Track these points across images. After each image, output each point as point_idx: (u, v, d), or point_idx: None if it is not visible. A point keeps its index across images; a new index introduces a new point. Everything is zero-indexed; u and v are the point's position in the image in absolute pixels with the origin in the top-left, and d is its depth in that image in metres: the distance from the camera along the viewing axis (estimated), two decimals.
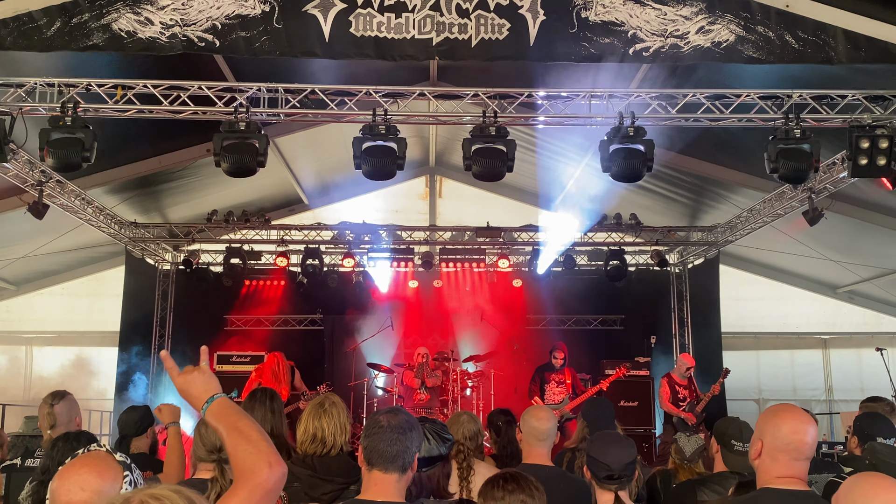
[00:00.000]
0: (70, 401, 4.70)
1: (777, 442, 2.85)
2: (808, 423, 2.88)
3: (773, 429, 2.88)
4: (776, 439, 2.85)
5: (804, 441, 2.83)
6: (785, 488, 2.81)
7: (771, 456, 2.86)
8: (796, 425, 2.85)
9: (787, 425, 2.85)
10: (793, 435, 2.83)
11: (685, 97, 8.20)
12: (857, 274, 13.28)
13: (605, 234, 13.89)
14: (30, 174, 9.52)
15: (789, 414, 2.92)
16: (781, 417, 2.90)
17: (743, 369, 13.80)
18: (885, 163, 7.75)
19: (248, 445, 2.11)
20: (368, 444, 2.77)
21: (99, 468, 2.15)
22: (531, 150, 11.94)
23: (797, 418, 2.89)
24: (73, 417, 4.64)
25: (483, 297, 14.20)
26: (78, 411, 4.73)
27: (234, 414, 2.21)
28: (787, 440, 2.83)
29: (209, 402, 2.24)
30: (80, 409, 4.80)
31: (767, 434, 2.89)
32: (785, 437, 2.83)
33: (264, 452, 2.09)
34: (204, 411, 2.24)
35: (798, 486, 2.83)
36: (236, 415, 2.21)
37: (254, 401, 4.42)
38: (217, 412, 2.23)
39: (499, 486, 2.82)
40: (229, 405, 2.25)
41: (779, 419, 2.90)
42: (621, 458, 3.36)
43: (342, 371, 13.45)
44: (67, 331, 14.69)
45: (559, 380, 10.70)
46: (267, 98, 8.22)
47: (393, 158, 7.92)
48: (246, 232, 13.77)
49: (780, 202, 10.80)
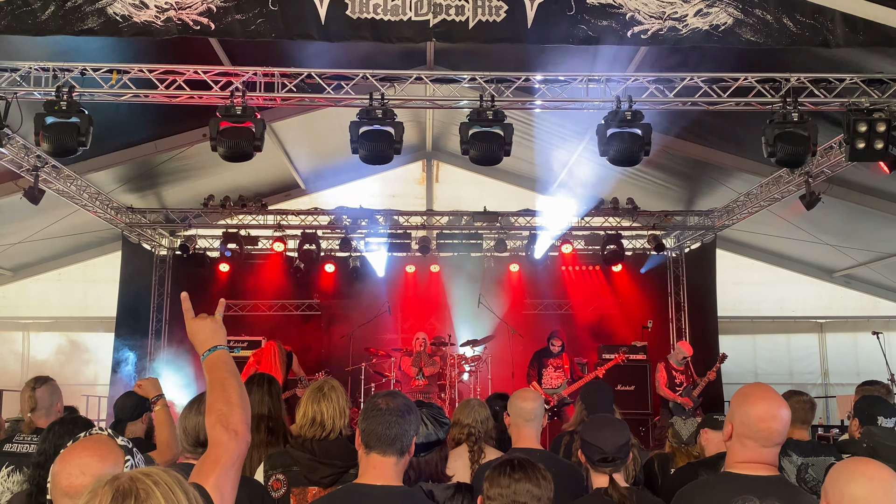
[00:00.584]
0: (52, 386, 4.66)
1: (744, 428, 2.79)
2: (779, 407, 2.80)
3: (742, 414, 2.81)
4: (745, 425, 2.79)
5: (774, 429, 2.76)
6: (748, 473, 2.76)
7: (740, 441, 2.81)
8: (766, 411, 2.78)
9: (756, 411, 2.78)
10: (761, 423, 2.76)
11: (683, 81, 8.18)
12: (853, 258, 13.30)
13: (603, 219, 13.90)
14: (25, 159, 9.49)
15: (759, 397, 2.84)
16: (751, 402, 2.83)
17: (739, 353, 13.82)
18: (883, 146, 7.75)
19: (224, 406, 2.23)
20: (366, 427, 2.75)
21: (100, 452, 2.14)
22: (529, 135, 11.91)
23: (767, 403, 2.81)
24: (54, 402, 4.58)
25: (480, 282, 14.19)
26: (60, 397, 4.67)
27: (227, 371, 2.32)
28: (757, 427, 2.76)
29: (211, 351, 2.37)
30: (62, 395, 4.75)
31: (737, 417, 2.82)
32: (753, 423, 2.77)
33: (235, 419, 2.21)
34: (204, 357, 2.37)
35: (764, 470, 2.78)
36: (227, 372, 2.32)
37: (252, 384, 4.41)
38: (213, 362, 2.36)
39: (505, 474, 2.76)
40: (226, 360, 2.37)
41: (749, 404, 2.82)
42: (614, 441, 3.36)
43: (339, 356, 13.44)
44: (64, 316, 14.67)
45: (557, 365, 10.72)
46: (263, 82, 8.18)
47: (390, 143, 7.90)
48: (242, 217, 13.75)
49: (778, 186, 10.80)
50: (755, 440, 2.76)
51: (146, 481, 1.52)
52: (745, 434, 2.77)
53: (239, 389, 2.29)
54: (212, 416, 2.23)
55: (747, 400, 2.84)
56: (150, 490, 1.50)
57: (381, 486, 2.71)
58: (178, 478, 1.58)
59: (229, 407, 2.23)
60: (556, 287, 14.49)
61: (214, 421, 2.21)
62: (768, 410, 2.78)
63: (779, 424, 2.77)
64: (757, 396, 2.84)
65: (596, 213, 13.69)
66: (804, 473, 4.54)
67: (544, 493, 2.73)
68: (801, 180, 10.15)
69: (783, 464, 4.62)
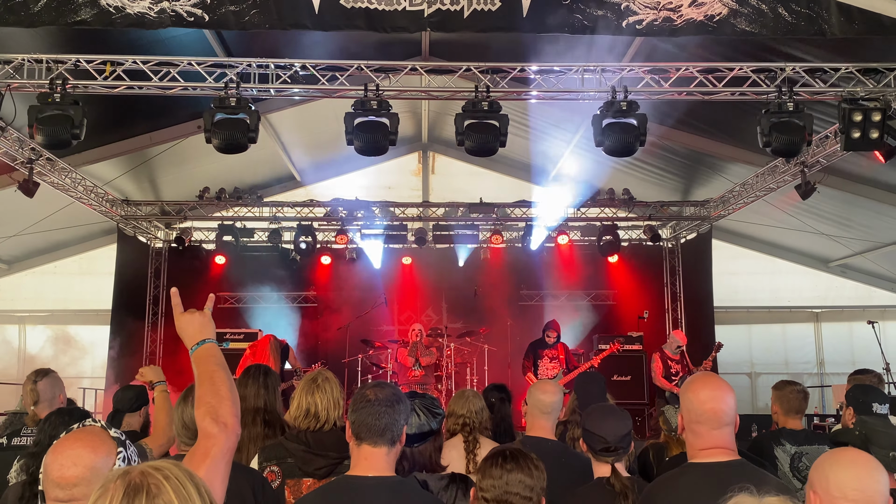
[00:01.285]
0: (54, 378, 4.68)
1: (692, 414, 2.82)
2: (721, 388, 2.84)
3: (687, 402, 2.85)
4: (691, 412, 2.82)
5: (719, 409, 2.79)
6: (709, 461, 2.78)
7: (691, 429, 2.84)
8: (708, 394, 2.81)
9: (700, 395, 2.82)
10: (704, 405, 2.79)
11: (678, 71, 8.17)
12: (849, 247, 13.32)
13: (598, 210, 13.90)
14: (20, 152, 9.46)
15: (701, 384, 2.88)
16: (693, 389, 2.87)
17: (735, 343, 13.84)
18: (878, 136, 7.74)
19: (213, 398, 2.22)
20: (356, 419, 2.75)
21: (93, 443, 2.14)
22: (524, 125, 11.90)
23: (709, 386, 2.85)
24: (56, 394, 4.60)
25: (476, 273, 14.20)
26: (62, 389, 4.70)
27: (215, 364, 2.31)
28: (701, 410, 2.79)
29: (199, 344, 2.36)
30: (64, 386, 4.77)
31: (684, 406, 2.86)
32: (698, 407, 2.80)
33: (224, 411, 2.19)
34: (192, 351, 2.36)
35: (723, 456, 2.80)
36: (216, 365, 2.31)
37: (247, 377, 4.42)
38: (201, 356, 2.34)
39: (497, 465, 2.74)
40: (215, 353, 2.36)
41: (691, 391, 2.86)
42: (617, 431, 3.37)
43: (336, 348, 13.45)
44: (60, 309, 14.65)
45: (552, 356, 10.73)
46: (257, 74, 8.15)
47: (385, 134, 7.88)
48: (238, 209, 13.73)
49: (773, 176, 10.80)
50: (703, 424, 2.79)
51: (157, 476, 1.51)
52: (694, 420, 2.81)
53: (228, 382, 2.28)
54: (201, 409, 2.22)
55: (690, 388, 2.89)
56: (161, 485, 1.49)
57: (372, 476, 2.71)
58: (190, 472, 1.58)
59: (218, 399, 2.22)
60: (553, 278, 14.49)
61: (204, 413, 2.20)
62: (710, 393, 2.82)
63: (723, 405, 2.80)
64: (699, 383, 2.90)
65: (592, 204, 13.71)
66: (798, 462, 4.56)
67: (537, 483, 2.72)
68: (796, 170, 10.15)
69: (777, 453, 4.64)
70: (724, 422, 2.80)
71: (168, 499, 1.49)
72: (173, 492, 1.50)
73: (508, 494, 2.65)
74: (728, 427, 2.82)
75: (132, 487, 1.48)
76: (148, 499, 1.47)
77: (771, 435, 4.88)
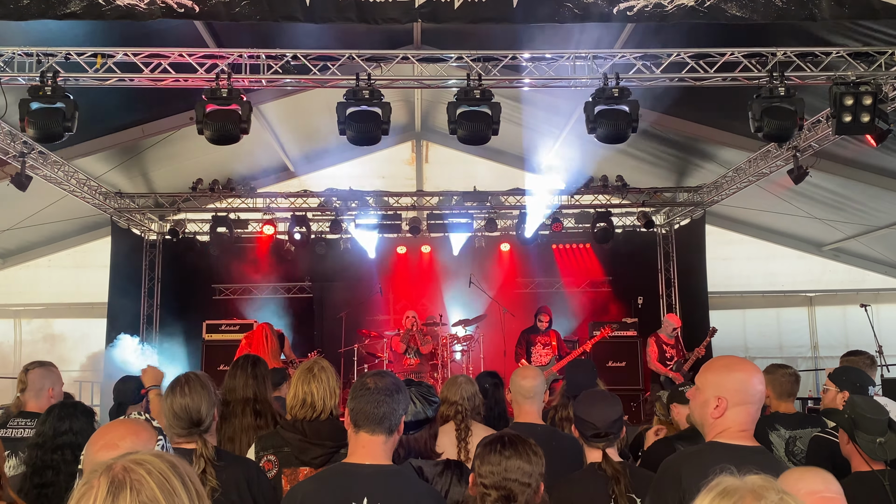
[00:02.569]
0: (47, 370, 4.62)
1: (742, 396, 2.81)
2: (759, 371, 2.90)
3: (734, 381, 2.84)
4: (741, 393, 2.81)
5: (763, 391, 2.84)
6: (735, 443, 2.79)
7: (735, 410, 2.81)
8: (755, 375, 2.85)
9: (754, 379, 2.84)
10: (757, 386, 2.83)
11: (669, 57, 8.16)
12: (842, 231, 13.37)
13: (592, 196, 13.92)
14: (11, 145, 9.44)
15: (750, 368, 2.90)
16: (738, 369, 2.87)
17: (729, 328, 13.90)
18: (869, 120, 7.75)
19: None
20: (355, 407, 2.78)
21: (136, 429, 2.21)
22: (517, 113, 11.89)
23: (756, 370, 2.89)
24: (45, 386, 4.53)
25: (471, 262, 14.22)
26: (54, 382, 4.60)
27: None
28: (754, 391, 2.81)
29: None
30: (59, 380, 4.69)
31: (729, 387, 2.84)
32: (751, 388, 2.81)
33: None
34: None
35: (748, 441, 2.82)
36: None
37: (236, 368, 4.44)
38: None
39: (496, 451, 2.74)
40: None
41: (737, 371, 2.87)
42: (607, 417, 3.40)
43: (332, 337, 13.49)
44: (55, 303, 14.64)
45: (545, 342, 10.77)
46: (249, 64, 8.13)
47: (378, 123, 7.87)
48: (231, 200, 13.73)
49: (766, 161, 10.83)
50: (755, 405, 2.82)
51: (139, 471, 1.50)
52: (744, 401, 2.79)
53: None
54: None
55: (733, 369, 2.87)
56: (143, 480, 1.49)
57: (369, 464, 2.73)
58: (173, 462, 1.57)
59: None
60: (547, 265, 14.54)
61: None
62: (756, 374, 2.86)
63: (764, 387, 2.87)
64: (746, 366, 2.91)
65: (585, 191, 13.72)
66: (792, 447, 4.60)
67: (535, 468, 2.74)
68: (788, 155, 10.18)
69: (771, 438, 4.68)
70: (758, 406, 2.85)
71: (152, 494, 1.48)
72: (157, 486, 1.49)
73: (507, 481, 2.66)
74: (759, 412, 2.87)
75: (115, 484, 1.47)
76: (132, 495, 1.46)
77: (765, 420, 4.89)
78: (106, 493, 1.46)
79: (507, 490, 2.63)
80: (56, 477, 3.44)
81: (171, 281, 14.38)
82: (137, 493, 1.47)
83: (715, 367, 2.95)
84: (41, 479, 3.44)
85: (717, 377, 2.88)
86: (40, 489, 3.42)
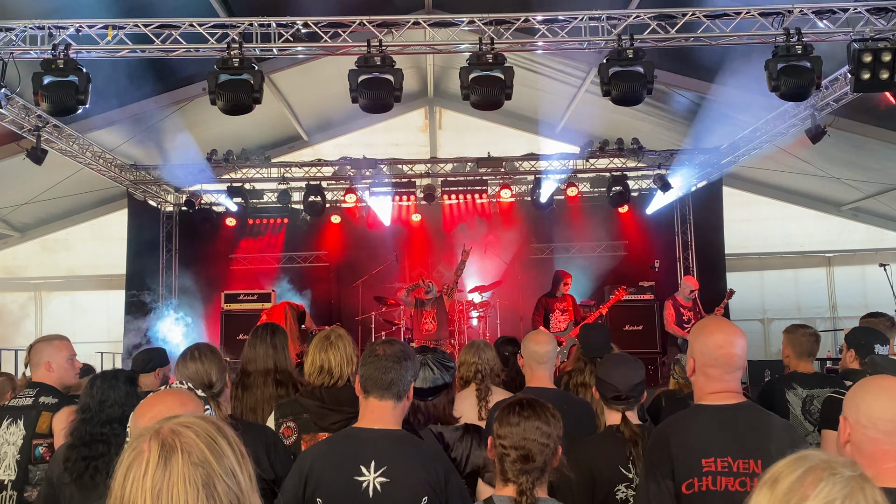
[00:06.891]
0: (47, 344, 4.48)
1: (706, 357, 2.85)
2: (735, 333, 2.88)
3: (701, 345, 2.88)
4: (705, 355, 2.85)
5: (734, 353, 2.82)
6: (718, 403, 2.82)
7: (703, 372, 2.86)
8: (723, 338, 2.85)
9: (715, 339, 2.85)
10: (720, 350, 2.83)
11: (685, 16, 8.05)
12: (860, 190, 13.23)
13: (608, 160, 13.82)
14: (26, 119, 9.46)
15: (715, 328, 2.92)
16: (707, 333, 2.90)
17: (747, 289, 13.84)
18: (888, 76, 7.62)
19: None
20: (364, 373, 2.84)
21: (181, 399, 2.22)
22: (531, 76, 11.78)
23: (723, 331, 2.89)
24: (41, 360, 4.40)
25: (486, 228, 14.20)
26: (50, 356, 4.41)
27: None
28: (717, 354, 2.83)
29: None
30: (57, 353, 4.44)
31: (697, 349, 2.90)
32: (714, 352, 2.83)
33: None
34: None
35: (732, 399, 2.84)
36: None
37: (255, 338, 4.47)
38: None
39: (514, 412, 2.75)
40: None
41: (705, 335, 2.90)
42: (629, 380, 3.41)
43: (349, 306, 13.56)
44: (74, 275, 14.79)
45: (562, 308, 10.75)
46: (259, 33, 8.09)
47: (390, 90, 7.82)
48: (246, 171, 13.74)
49: (783, 121, 10.69)
50: (718, 367, 2.83)
51: (188, 434, 1.52)
52: (708, 363, 2.84)
53: None
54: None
55: (703, 332, 2.92)
56: (193, 442, 1.50)
57: (378, 429, 2.78)
58: (217, 424, 1.59)
59: None
60: (563, 230, 14.49)
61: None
62: (725, 337, 2.85)
63: (737, 349, 2.84)
64: (712, 327, 2.93)
65: (601, 155, 13.61)
66: (809, 405, 4.60)
67: (553, 430, 2.75)
68: (806, 114, 10.04)
69: (788, 396, 4.68)
70: (736, 366, 2.84)
71: (203, 456, 1.50)
72: (207, 448, 1.51)
73: (526, 441, 2.68)
74: (739, 371, 2.86)
75: (167, 448, 1.48)
76: (184, 457, 1.48)
77: (782, 379, 4.91)
78: (158, 456, 1.47)
79: (527, 450, 2.65)
80: (107, 448, 3.49)
81: (189, 252, 14.48)
82: (189, 454, 1.48)
83: (692, 330, 3.03)
84: (90, 452, 3.50)
85: (691, 339, 2.97)
86: (89, 461, 3.47)
